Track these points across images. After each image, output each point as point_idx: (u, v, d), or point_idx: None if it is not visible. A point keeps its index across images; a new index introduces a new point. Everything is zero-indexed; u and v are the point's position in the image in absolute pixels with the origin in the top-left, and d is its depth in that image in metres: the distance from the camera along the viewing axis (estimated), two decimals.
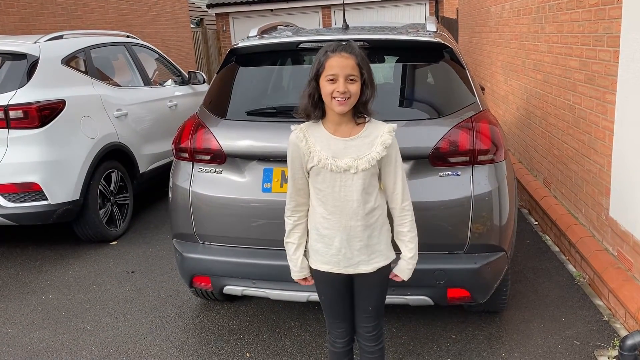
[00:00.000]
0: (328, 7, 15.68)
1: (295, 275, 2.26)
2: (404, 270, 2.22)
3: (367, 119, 2.09)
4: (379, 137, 2.06)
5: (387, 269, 2.19)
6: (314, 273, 2.22)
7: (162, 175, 5.90)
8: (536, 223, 5.03)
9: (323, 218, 2.09)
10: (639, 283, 3.20)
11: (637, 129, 3.18)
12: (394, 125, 2.10)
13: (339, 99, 1.96)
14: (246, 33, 3.44)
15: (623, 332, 3.13)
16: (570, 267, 4.04)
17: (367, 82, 2.01)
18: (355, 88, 1.99)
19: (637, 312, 3.02)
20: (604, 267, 3.52)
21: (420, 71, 3.04)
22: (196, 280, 2.98)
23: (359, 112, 2.05)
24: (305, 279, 2.26)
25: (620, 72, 3.40)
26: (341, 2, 15.26)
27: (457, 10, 12.35)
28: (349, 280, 2.17)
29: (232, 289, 2.91)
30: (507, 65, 6.80)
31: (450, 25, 13.10)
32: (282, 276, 2.78)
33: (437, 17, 14.87)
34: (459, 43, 11.80)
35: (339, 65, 1.96)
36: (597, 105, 3.81)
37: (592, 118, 3.90)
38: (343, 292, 2.20)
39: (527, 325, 3.24)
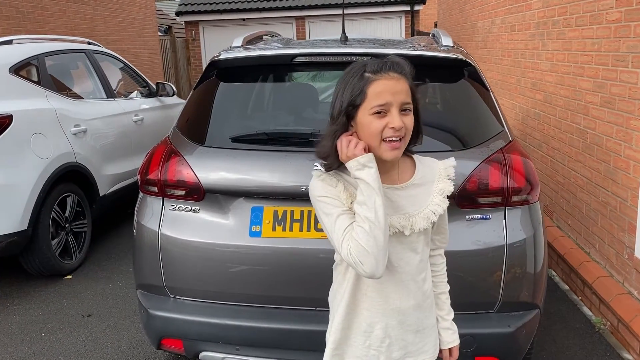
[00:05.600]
0: (302, 18, 15.25)
1: None
2: (455, 338, 1.69)
3: (414, 156, 1.58)
4: (435, 182, 1.53)
5: None
6: None
7: (125, 197, 5.31)
8: None
9: (361, 297, 1.53)
10: None
11: None
12: (452, 162, 1.58)
13: (394, 138, 1.39)
14: (217, 42, 2.93)
15: None
16: (586, 309, 3.64)
17: (418, 113, 1.48)
18: (410, 121, 1.42)
19: None
20: (631, 315, 3.12)
21: (439, 93, 2.59)
22: (165, 342, 2.43)
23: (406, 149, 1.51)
24: None
25: None
26: (315, 14, 14.88)
27: (435, 25, 12.11)
28: None
29: (209, 355, 2.36)
30: (498, 83, 6.46)
31: None
32: (272, 342, 2.28)
33: (412, 31, 14.63)
34: None
35: (390, 90, 1.39)
36: (617, 132, 3.44)
37: (611, 145, 3.53)
38: None
39: None
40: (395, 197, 1.49)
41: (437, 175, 1.54)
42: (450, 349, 1.69)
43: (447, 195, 1.53)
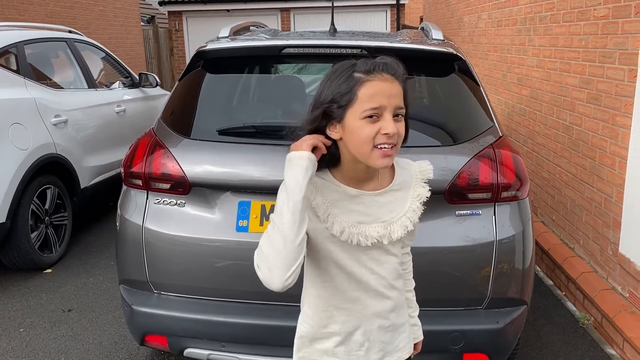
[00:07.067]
0: (287, 9, 15.13)
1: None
2: (420, 334, 1.70)
3: None
4: (412, 187, 1.45)
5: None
6: None
7: (106, 189, 5.22)
8: None
9: (337, 308, 1.45)
10: None
11: None
12: (427, 165, 1.49)
13: (386, 147, 1.28)
14: (200, 33, 2.85)
15: None
16: (570, 304, 3.66)
17: (407, 118, 1.38)
18: (402, 128, 1.32)
19: None
20: (615, 311, 3.15)
21: (429, 88, 2.57)
22: (149, 339, 2.38)
23: None
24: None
25: (638, 93, 3.04)
26: (301, 6, 14.78)
27: (421, 19, 12.09)
28: None
29: (195, 352, 2.32)
30: (484, 78, 6.46)
31: None
32: (259, 338, 2.24)
33: (398, 25, 14.61)
34: None
35: (384, 92, 1.27)
36: (603, 128, 3.45)
37: (597, 141, 3.54)
38: None
39: None
40: (374, 204, 1.40)
41: (414, 179, 1.47)
42: (415, 344, 1.68)
43: (422, 202, 1.45)
